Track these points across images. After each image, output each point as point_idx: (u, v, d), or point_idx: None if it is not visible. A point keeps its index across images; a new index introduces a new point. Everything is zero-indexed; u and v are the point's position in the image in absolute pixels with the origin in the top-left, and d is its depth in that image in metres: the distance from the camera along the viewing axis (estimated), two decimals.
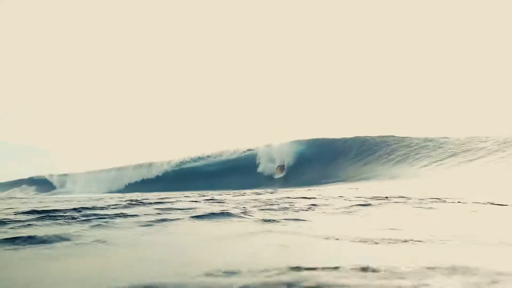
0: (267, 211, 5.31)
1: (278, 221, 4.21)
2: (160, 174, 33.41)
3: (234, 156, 31.07)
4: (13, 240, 3.09)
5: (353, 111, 46.85)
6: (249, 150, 30.30)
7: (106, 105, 63.02)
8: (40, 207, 7.07)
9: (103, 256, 2.58)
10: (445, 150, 20.57)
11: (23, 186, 40.23)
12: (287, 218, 4.48)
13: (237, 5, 59.10)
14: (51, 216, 5.03)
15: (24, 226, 4.20)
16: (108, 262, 2.43)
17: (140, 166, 35.31)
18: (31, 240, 3.13)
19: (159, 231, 3.77)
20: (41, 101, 63.16)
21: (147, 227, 4.07)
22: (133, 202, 7.76)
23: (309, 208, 5.45)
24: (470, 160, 18.00)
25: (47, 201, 11.00)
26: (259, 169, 28.54)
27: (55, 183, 38.60)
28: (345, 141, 27.57)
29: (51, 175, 39.86)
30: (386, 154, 23.53)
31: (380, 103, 48.46)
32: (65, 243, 3.07)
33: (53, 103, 62.61)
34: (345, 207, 5.37)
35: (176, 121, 56.97)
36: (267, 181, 26.77)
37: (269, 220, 4.29)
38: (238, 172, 28.98)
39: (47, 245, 2.95)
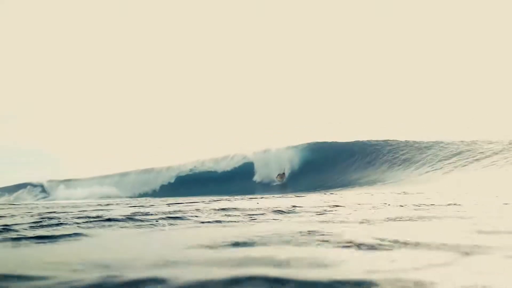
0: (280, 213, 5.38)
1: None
2: (163, 180, 33.50)
3: (235, 162, 30.92)
4: (29, 239, 3.28)
5: (353, 113, 46.81)
6: (251, 155, 30.16)
7: (110, 108, 63.33)
8: (52, 212, 7.18)
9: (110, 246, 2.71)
10: (450, 153, 20.41)
11: (28, 187, 40.16)
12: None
13: (234, 10, 59.46)
14: (62, 220, 5.14)
15: (36, 228, 4.32)
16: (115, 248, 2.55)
17: (143, 171, 35.68)
18: (41, 238, 3.33)
19: (161, 230, 3.89)
20: (45, 104, 63.45)
21: (152, 226, 4.20)
22: (142, 206, 7.85)
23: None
24: (477, 161, 17.87)
25: (54, 206, 11.10)
26: (260, 175, 28.33)
27: (58, 187, 38.49)
28: (346, 144, 27.35)
29: (51, 181, 39.79)
30: (389, 157, 23.22)
31: (381, 105, 48.38)
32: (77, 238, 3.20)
33: (57, 106, 62.88)
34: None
35: (176, 124, 57.33)
36: (271, 186, 26.55)
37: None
38: (239, 178, 28.91)
39: (59, 240, 3.10)
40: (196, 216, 5.63)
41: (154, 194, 30.79)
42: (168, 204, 9.23)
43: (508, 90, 42.74)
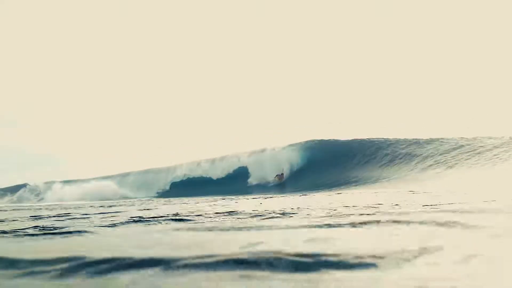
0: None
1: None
2: (162, 182, 33.58)
3: (235, 162, 30.68)
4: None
5: (353, 113, 46.94)
6: (250, 155, 29.94)
7: (109, 110, 63.51)
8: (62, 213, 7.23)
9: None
10: (451, 147, 20.22)
11: (29, 188, 40.19)
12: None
13: (233, 10, 59.62)
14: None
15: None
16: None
17: (143, 172, 36.12)
18: (45, 235, 3.49)
19: (164, 227, 3.95)
20: (46, 106, 63.55)
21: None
22: (144, 209, 7.85)
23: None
24: (479, 154, 17.75)
25: (57, 208, 11.10)
26: (259, 175, 28.00)
27: (58, 188, 38.32)
28: (345, 142, 27.09)
29: (52, 181, 39.67)
30: (390, 154, 22.81)
31: (381, 105, 48.55)
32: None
33: (58, 108, 63.22)
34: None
35: (175, 124, 57.66)
36: (270, 187, 26.23)
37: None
38: (237, 178, 28.84)
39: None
40: (201, 216, 5.66)
41: (153, 195, 30.77)
42: (173, 204, 9.25)
43: (506, 90, 42.80)
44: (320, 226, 2.86)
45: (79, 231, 3.64)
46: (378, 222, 2.88)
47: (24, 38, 60.37)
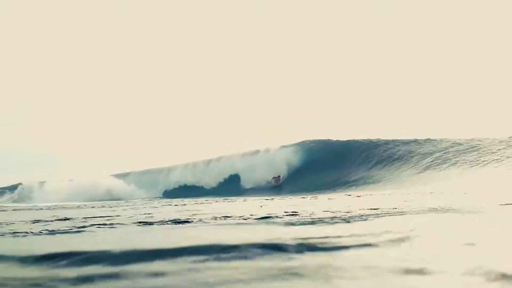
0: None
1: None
2: (161, 182, 33.66)
3: (231, 163, 30.27)
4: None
5: (353, 113, 46.88)
6: (249, 156, 29.70)
7: (109, 110, 63.37)
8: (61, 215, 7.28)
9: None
10: (447, 147, 20.10)
11: (28, 187, 40.09)
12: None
13: (235, 10, 59.64)
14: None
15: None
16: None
17: (141, 173, 36.36)
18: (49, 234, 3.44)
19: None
20: (46, 106, 63.33)
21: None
22: (146, 213, 7.93)
23: None
24: (477, 153, 17.70)
25: (57, 208, 11.16)
26: (258, 177, 27.75)
27: (57, 188, 38.00)
28: (343, 143, 26.63)
29: (50, 181, 39.42)
30: (387, 156, 22.46)
31: (381, 106, 48.48)
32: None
33: (58, 109, 63.16)
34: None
35: (175, 125, 57.68)
36: (269, 188, 25.92)
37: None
38: (235, 180, 28.73)
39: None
40: (200, 220, 5.69)
41: (154, 196, 30.68)
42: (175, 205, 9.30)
43: (505, 90, 42.77)
44: (313, 223, 2.94)
45: (78, 231, 3.72)
46: (373, 217, 2.96)
47: (24, 38, 60.52)
